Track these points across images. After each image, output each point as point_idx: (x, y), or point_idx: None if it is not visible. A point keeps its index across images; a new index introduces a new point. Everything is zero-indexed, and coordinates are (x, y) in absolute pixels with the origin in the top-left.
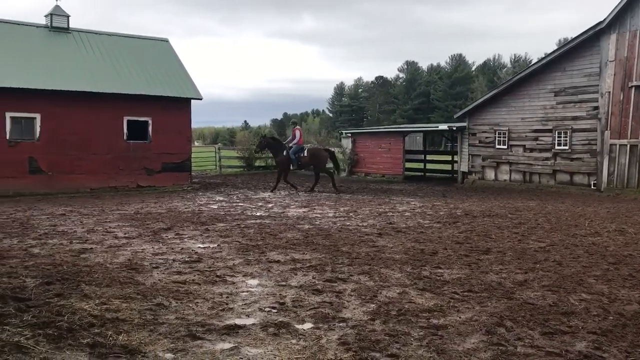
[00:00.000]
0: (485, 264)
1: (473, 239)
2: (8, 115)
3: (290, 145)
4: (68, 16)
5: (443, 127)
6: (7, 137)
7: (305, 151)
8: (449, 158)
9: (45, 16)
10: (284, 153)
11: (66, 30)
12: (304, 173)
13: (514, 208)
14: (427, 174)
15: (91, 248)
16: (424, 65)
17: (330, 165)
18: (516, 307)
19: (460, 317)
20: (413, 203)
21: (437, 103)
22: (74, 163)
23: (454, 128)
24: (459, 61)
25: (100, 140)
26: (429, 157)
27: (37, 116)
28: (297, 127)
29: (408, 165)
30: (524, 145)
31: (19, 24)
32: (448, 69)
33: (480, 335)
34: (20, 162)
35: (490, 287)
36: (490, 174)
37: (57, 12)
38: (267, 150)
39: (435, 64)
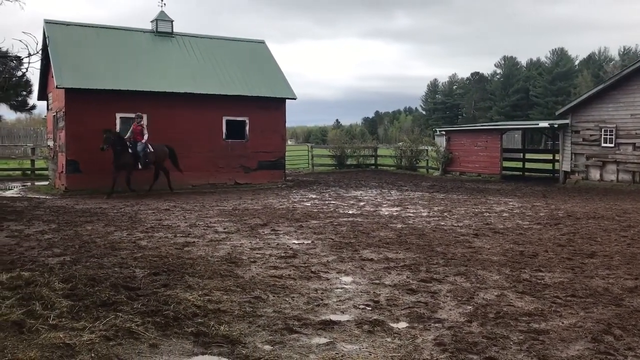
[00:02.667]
0: (590, 268)
1: (576, 241)
2: (118, 115)
3: (143, 141)
4: (172, 21)
5: (544, 124)
6: None
7: (150, 147)
8: (549, 157)
9: (151, 22)
10: (130, 151)
11: (170, 34)
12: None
13: (621, 210)
14: (526, 173)
15: (193, 242)
16: (522, 60)
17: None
18: (626, 314)
19: (563, 323)
20: (511, 203)
21: (536, 99)
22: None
23: (556, 125)
24: (560, 55)
25: (201, 139)
26: (528, 156)
27: (144, 116)
28: (143, 122)
29: (506, 164)
30: (634, 144)
31: (127, 30)
32: (548, 63)
33: (585, 343)
34: None
35: (595, 293)
36: (594, 174)
37: (161, 18)
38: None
39: (534, 58)
